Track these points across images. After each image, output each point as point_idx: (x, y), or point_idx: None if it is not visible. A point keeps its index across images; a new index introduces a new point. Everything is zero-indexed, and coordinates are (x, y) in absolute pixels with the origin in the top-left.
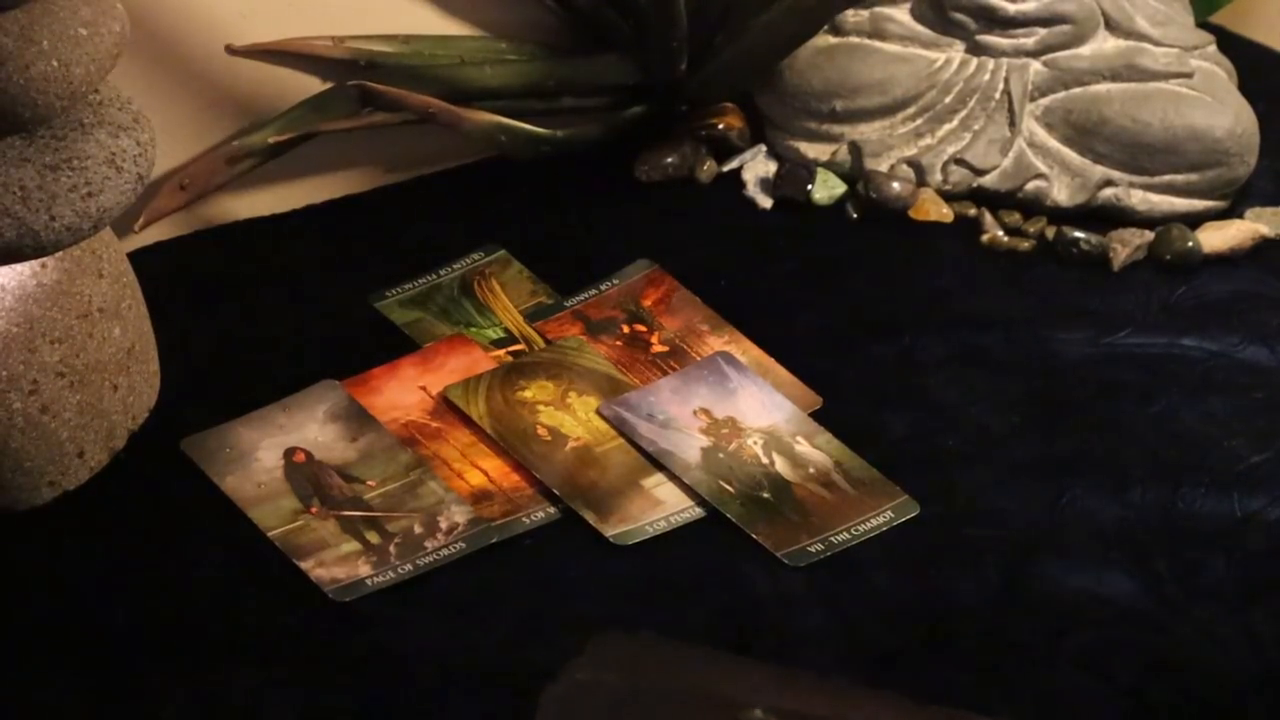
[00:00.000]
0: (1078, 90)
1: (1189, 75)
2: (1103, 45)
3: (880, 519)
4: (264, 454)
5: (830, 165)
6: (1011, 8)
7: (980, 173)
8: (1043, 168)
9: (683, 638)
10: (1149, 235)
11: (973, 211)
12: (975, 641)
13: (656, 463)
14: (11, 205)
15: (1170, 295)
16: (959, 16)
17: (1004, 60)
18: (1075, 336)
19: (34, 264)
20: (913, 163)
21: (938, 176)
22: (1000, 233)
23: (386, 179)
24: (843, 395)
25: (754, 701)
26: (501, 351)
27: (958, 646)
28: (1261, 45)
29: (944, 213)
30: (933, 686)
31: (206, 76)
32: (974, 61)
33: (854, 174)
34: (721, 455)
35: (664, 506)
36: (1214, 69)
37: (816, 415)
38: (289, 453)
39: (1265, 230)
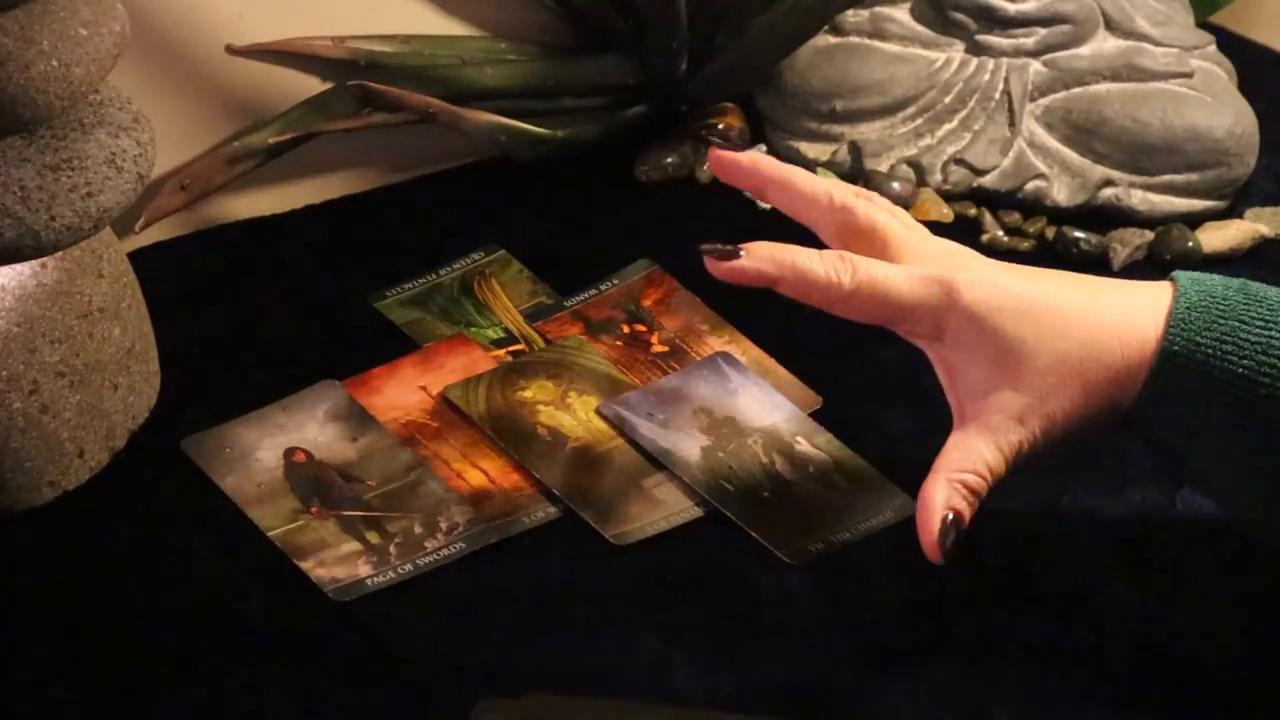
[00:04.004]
0: (1078, 90)
1: (1189, 75)
2: (1103, 45)
3: (880, 518)
4: (264, 454)
5: (830, 165)
6: (1011, 8)
7: (980, 173)
8: (1043, 168)
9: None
10: (1149, 235)
11: (973, 211)
12: (975, 640)
13: (656, 463)
14: (11, 205)
15: None
16: (959, 16)
17: (1004, 60)
18: None
19: (34, 264)
20: (913, 163)
21: (938, 176)
22: (1000, 233)
23: (386, 179)
24: (843, 395)
25: None
26: (501, 351)
27: (957, 645)
28: (1261, 45)
29: (944, 213)
30: (932, 685)
31: (206, 76)
32: (974, 61)
33: (854, 174)
34: (721, 455)
35: (664, 506)
36: (1214, 69)
37: (816, 415)
38: (289, 453)
39: (1265, 230)
